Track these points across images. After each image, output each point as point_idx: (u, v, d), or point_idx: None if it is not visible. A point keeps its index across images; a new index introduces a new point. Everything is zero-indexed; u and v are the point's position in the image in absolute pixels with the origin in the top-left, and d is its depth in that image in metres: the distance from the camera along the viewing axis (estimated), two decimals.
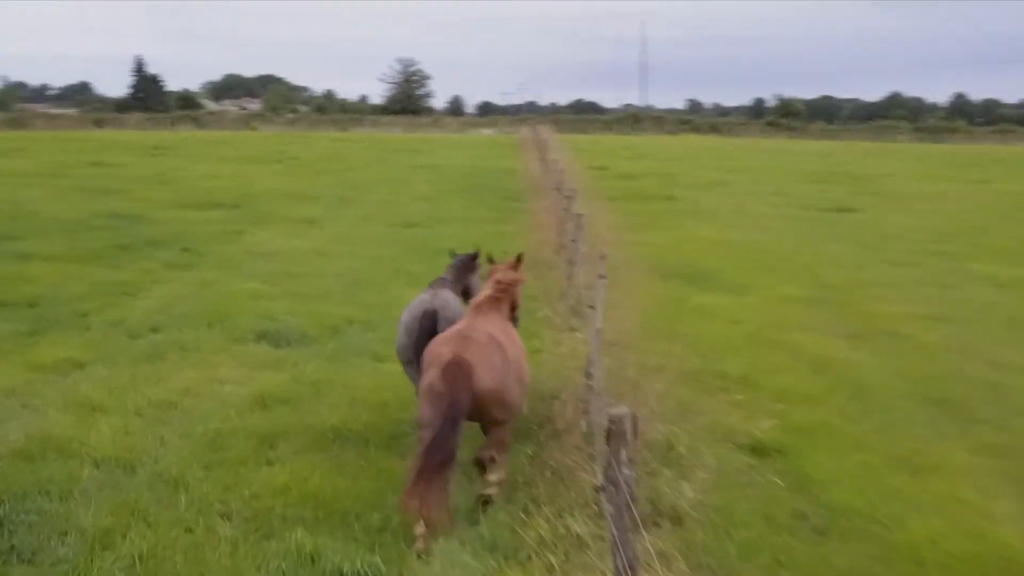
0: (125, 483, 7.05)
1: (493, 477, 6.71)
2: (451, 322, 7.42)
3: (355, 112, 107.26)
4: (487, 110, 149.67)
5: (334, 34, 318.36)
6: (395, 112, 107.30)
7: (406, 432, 8.15)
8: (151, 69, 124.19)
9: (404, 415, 8.52)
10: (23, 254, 15.94)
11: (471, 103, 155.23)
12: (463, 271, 8.75)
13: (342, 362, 10.57)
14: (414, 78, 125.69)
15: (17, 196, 22.90)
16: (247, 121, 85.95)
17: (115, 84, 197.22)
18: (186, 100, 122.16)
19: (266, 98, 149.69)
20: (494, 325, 7.04)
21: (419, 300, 7.95)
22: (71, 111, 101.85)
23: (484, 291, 7.63)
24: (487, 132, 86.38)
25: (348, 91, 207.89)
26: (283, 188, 27.88)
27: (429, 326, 7.58)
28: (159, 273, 14.95)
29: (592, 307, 9.51)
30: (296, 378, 9.90)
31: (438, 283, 8.44)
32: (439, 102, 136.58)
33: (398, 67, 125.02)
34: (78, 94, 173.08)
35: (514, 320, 7.88)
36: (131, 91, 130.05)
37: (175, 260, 16.05)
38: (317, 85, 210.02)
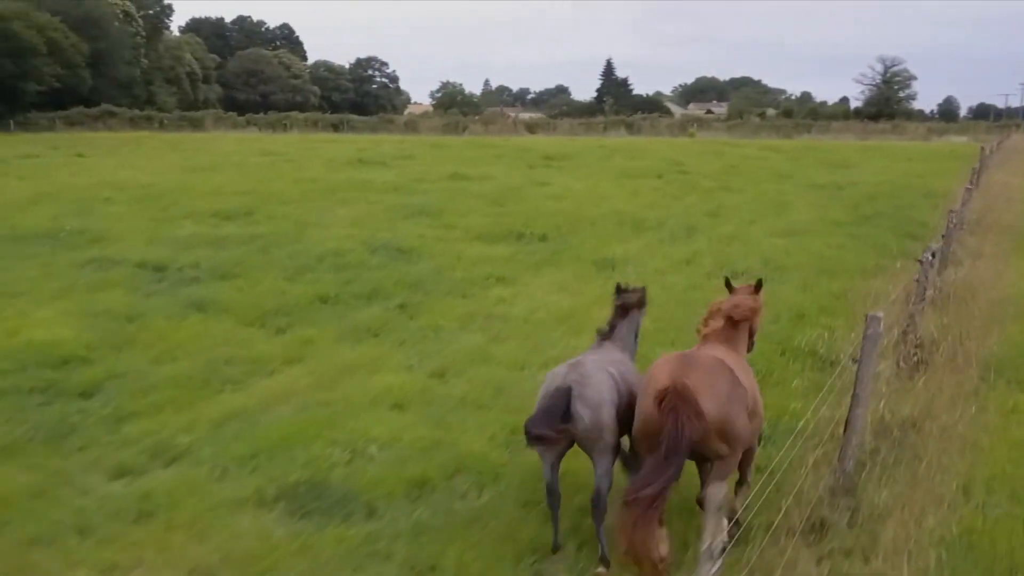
0: None
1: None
2: (591, 403, 6.12)
3: (826, 117, 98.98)
4: (982, 113, 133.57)
5: (820, 34, 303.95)
6: (869, 116, 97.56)
7: None
8: (629, 73, 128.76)
9: None
10: (200, 303, 12.98)
11: (966, 105, 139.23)
12: (624, 317, 7.18)
13: None
14: (896, 79, 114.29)
15: (322, 218, 20.93)
16: (683, 127, 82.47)
17: (591, 88, 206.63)
18: (653, 103, 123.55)
19: (732, 102, 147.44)
20: (723, 352, 6.27)
21: (555, 372, 6.53)
22: (531, 114, 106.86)
23: (713, 323, 6.78)
24: (958, 140, 74.38)
25: (828, 93, 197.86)
26: (626, 212, 23.41)
27: (560, 408, 6.09)
28: (318, 346, 11.29)
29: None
30: None
31: (598, 343, 7.12)
32: (927, 104, 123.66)
33: (878, 67, 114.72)
34: (553, 97, 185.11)
35: (749, 347, 7.12)
36: (597, 94, 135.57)
37: (365, 323, 12.41)
38: (795, 87, 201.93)
